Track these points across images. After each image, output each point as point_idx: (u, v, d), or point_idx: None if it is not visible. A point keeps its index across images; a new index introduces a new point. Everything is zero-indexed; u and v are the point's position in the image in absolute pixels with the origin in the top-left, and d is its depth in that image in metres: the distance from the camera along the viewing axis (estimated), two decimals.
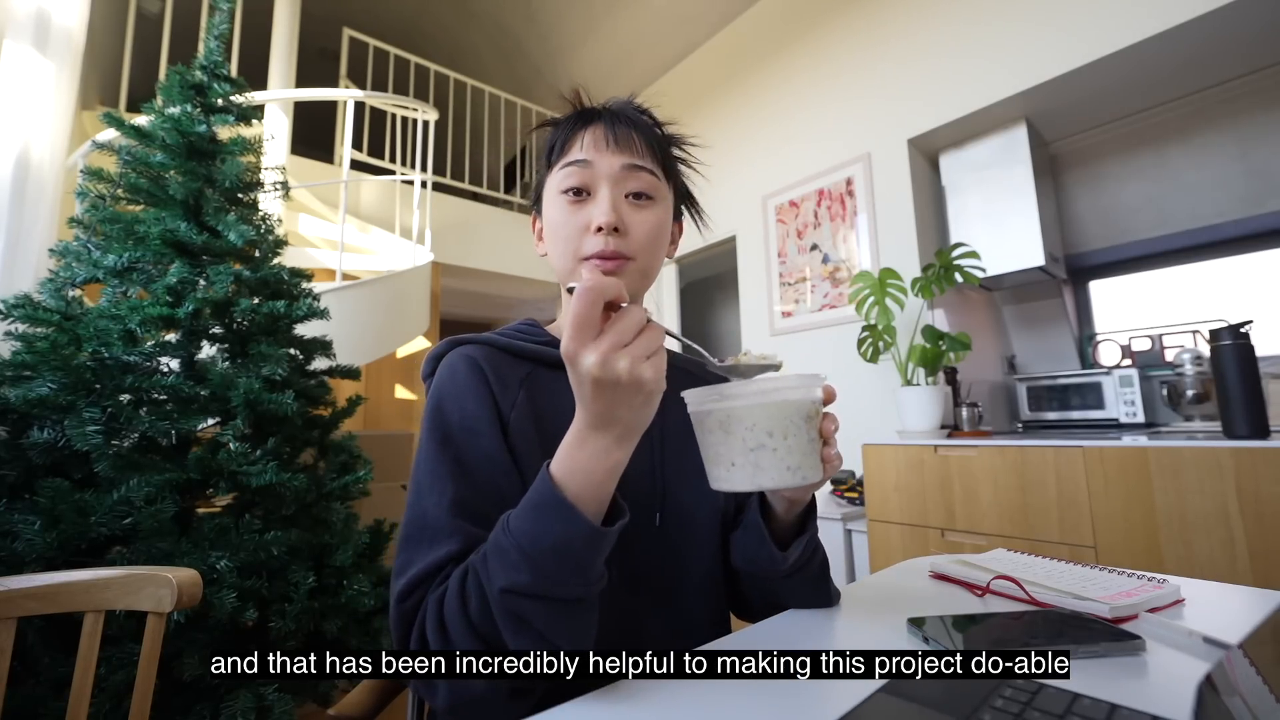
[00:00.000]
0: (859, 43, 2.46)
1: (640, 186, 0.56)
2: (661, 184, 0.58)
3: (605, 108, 0.60)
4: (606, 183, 0.55)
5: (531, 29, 4.03)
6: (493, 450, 0.51)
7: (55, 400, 1.11)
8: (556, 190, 0.56)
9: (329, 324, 1.56)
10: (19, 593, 0.66)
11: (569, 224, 0.55)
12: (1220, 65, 1.79)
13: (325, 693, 1.23)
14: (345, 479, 1.42)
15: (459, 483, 0.49)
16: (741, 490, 0.42)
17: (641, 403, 0.39)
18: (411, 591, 0.44)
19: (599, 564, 0.41)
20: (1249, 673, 0.30)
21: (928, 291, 1.90)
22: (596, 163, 0.55)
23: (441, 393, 0.54)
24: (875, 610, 0.55)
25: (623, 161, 0.55)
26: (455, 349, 0.59)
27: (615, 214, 0.54)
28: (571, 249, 0.55)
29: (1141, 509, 1.34)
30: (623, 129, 0.56)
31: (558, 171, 0.57)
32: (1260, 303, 1.79)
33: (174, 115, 1.39)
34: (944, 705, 0.34)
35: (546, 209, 0.59)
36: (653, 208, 0.57)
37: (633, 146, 0.56)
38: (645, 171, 0.56)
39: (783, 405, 0.41)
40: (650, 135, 0.58)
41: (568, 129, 0.58)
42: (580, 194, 0.55)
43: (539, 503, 0.40)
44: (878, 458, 1.86)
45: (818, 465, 0.42)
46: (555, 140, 0.59)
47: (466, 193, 3.81)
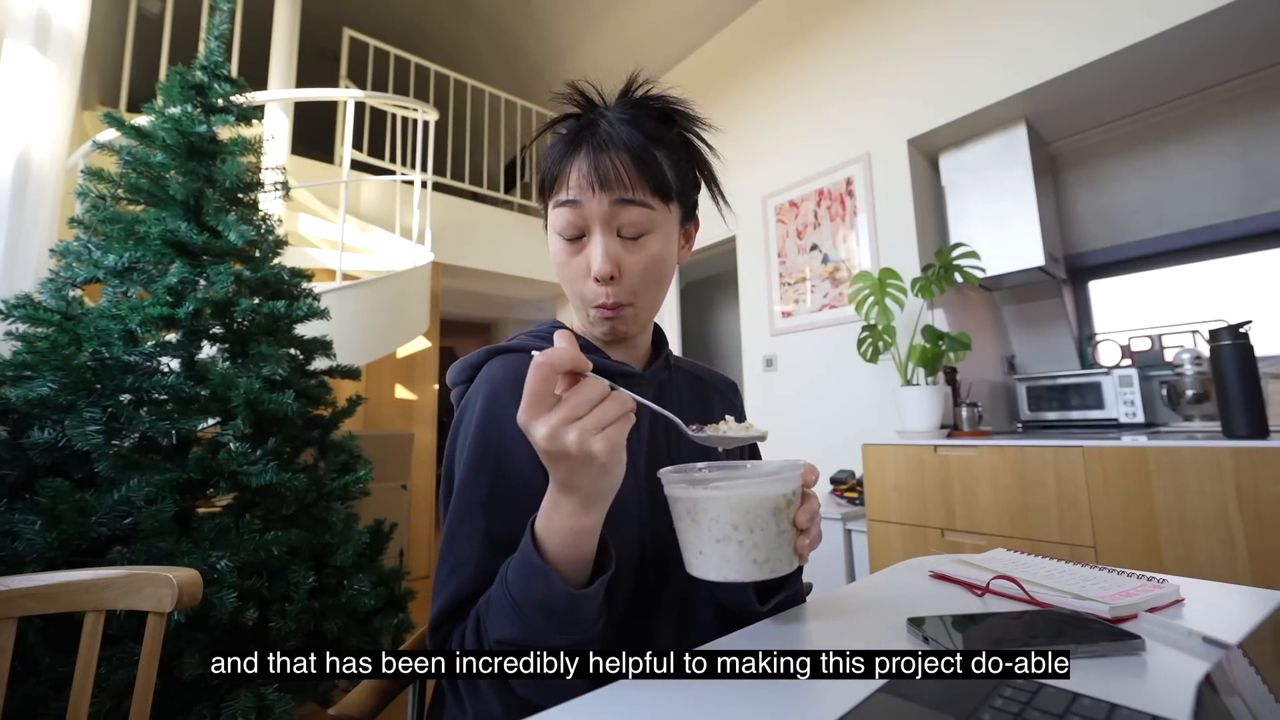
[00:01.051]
0: (859, 43, 2.46)
1: (632, 221, 0.52)
2: (658, 210, 0.54)
3: (595, 127, 0.53)
4: (598, 225, 0.52)
5: (531, 29, 4.03)
6: (530, 472, 0.51)
7: (56, 400, 1.11)
8: (552, 229, 0.55)
9: (329, 324, 1.56)
10: (19, 592, 0.66)
11: (569, 266, 0.55)
12: (1220, 65, 1.79)
13: (325, 693, 1.23)
14: (345, 479, 1.42)
15: (491, 512, 0.51)
16: (710, 580, 0.41)
17: (597, 473, 0.38)
18: (441, 624, 0.48)
19: (588, 615, 0.42)
20: (1248, 672, 0.30)
21: (927, 291, 1.90)
22: (585, 204, 0.52)
23: (486, 408, 0.54)
24: (875, 610, 0.55)
25: (610, 199, 0.51)
26: (498, 358, 0.58)
27: (609, 263, 0.52)
28: (575, 291, 0.56)
29: (1141, 509, 1.34)
30: (607, 161, 0.51)
31: (552, 209, 0.55)
32: (1260, 303, 1.79)
33: (174, 115, 1.39)
34: (944, 705, 0.34)
35: (549, 238, 0.57)
36: (647, 244, 0.54)
37: (620, 179, 0.51)
38: (636, 205, 0.52)
39: (750, 499, 0.39)
40: (644, 154, 0.52)
41: (558, 156, 0.54)
42: (576, 238, 0.54)
43: (523, 561, 0.42)
44: (878, 458, 1.86)
45: (789, 557, 0.41)
46: (548, 166, 0.55)
47: (466, 193, 3.81)
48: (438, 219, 3.28)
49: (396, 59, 3.63)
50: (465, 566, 0.49)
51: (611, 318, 0.55)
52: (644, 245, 0.54)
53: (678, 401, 0.65)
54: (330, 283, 2.26)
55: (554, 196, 0.54)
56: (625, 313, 0.55)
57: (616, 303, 0.54)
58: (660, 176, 0.53)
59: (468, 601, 0.48)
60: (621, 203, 0.52)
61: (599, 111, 0.55)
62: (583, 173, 0.52)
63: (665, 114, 0.56)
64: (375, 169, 3.39)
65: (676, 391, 0.66)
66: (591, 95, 0.57)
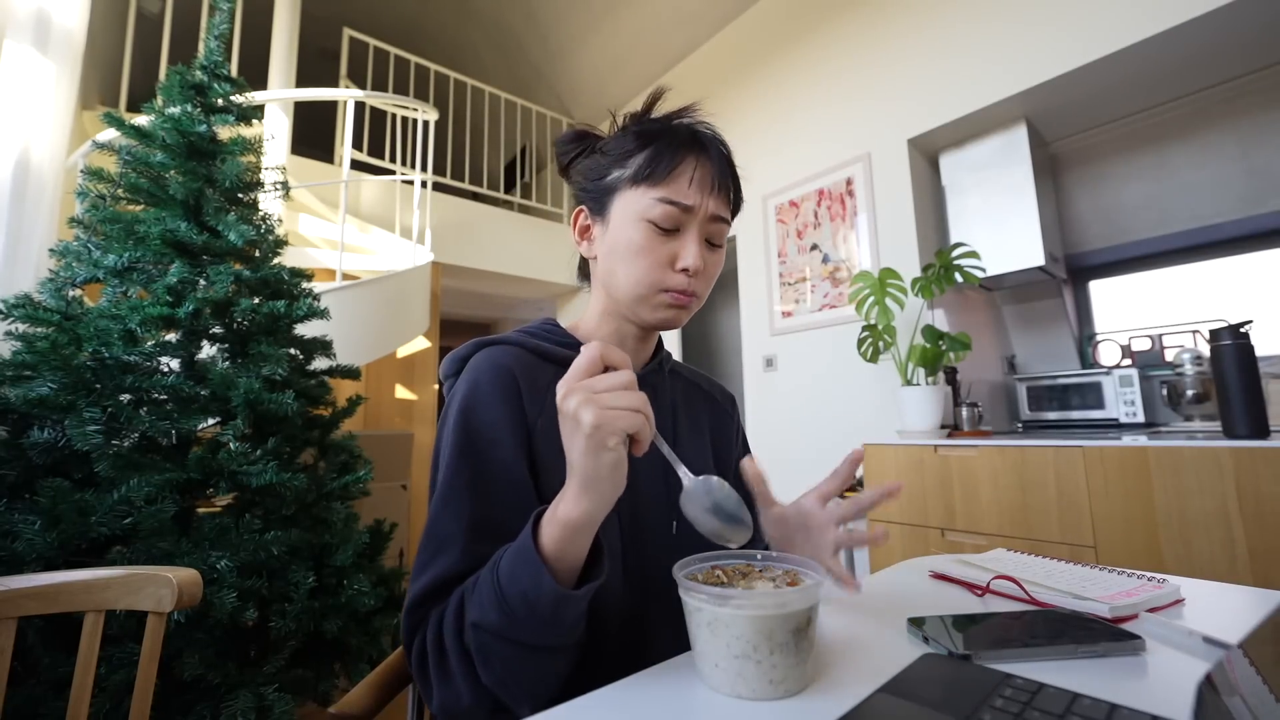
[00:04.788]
0: (859, 43, 2.46)
1: (719, 232, 0.58)
2: (729, 228, 0.60)
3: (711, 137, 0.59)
4: (698, 226, 0.56)
5: (531, 29, 4.03)
6: (510, 460, 0.52)
7: (55, 400, 1.11)
8: (642, 216, 0.55)
9: (329, 324, 1.56)
10: (19, 592, 0.66)
11: (651, 253, 0.56)
12: (1220, 65, 1.79)
13: (325, 692, 1.23)
14: (345, 479, 1.42)
15: (475, 497, 0.51)
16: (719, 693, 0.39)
17: (584, 445, 0.40)
18: (420, 604, 0.48)
19: (569, 619, 0.42)
20: (1249, 672, 0.30)
21: (928, 291, 1.90)
22: (697, 208, 0.55)
23: (466, 397, 0.54)
24: (875, 610, 0.55)
25: (715, 211, 0.57)
26: (483, 350, 0.59)
27: (702, 259, 0.56)
28: (651, 279, 0.56)
29: (1141, 509, 1.34)
30: (724, 171, 0.57)
31: (656, 201, 0.55)
32: (1260, 303, 1.79)
33: (174, 115, 1.39)
34: (944, 705, 0.34)
35: (622, 226, 0.57)
36: (720, 252, 0.60)
37: (726, 196, 0.58)
38: (725, 223, 0.59)
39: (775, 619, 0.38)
40: (736, 182, 0.60)
41: (672, 150, 0.56)
42: (672, 230, 0.56)
43: (518, 549, 0.42)
44: (878, 457, 1.86)
45: (804, 676, 0.40)
46: (655, 156, 0.56)
47: (466, 193, 3.81)
48: (438, 219, 3.28)
49: (396, 59, 3.63)
50: (450, 548, 0.49)
51: (684, 305, 0.57)
52: (719, 253, 0.60)
53: (668, 406, 0.65)
54: (330, 283, 2.26)
55: (660, 185, 0.55)
56: (692, 304, 0.58)
57: (693, 292, 0.57)
58: (740, 197, 0.61)
59: (450, 582, 0.48)
60: (719, 219, 0.58)
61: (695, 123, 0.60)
62: (705, 175, 0.56)
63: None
64: (375, 169, 3.39)
65: (668, 395, 0.66)
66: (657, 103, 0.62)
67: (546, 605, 0.40)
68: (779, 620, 0.38)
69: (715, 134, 0.60)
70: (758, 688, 0.38)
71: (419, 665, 0.46)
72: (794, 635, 0.38)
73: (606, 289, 0.60)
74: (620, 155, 0.58)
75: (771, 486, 0.60)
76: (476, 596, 0.43)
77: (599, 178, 0.60)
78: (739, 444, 0.73)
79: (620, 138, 0.60)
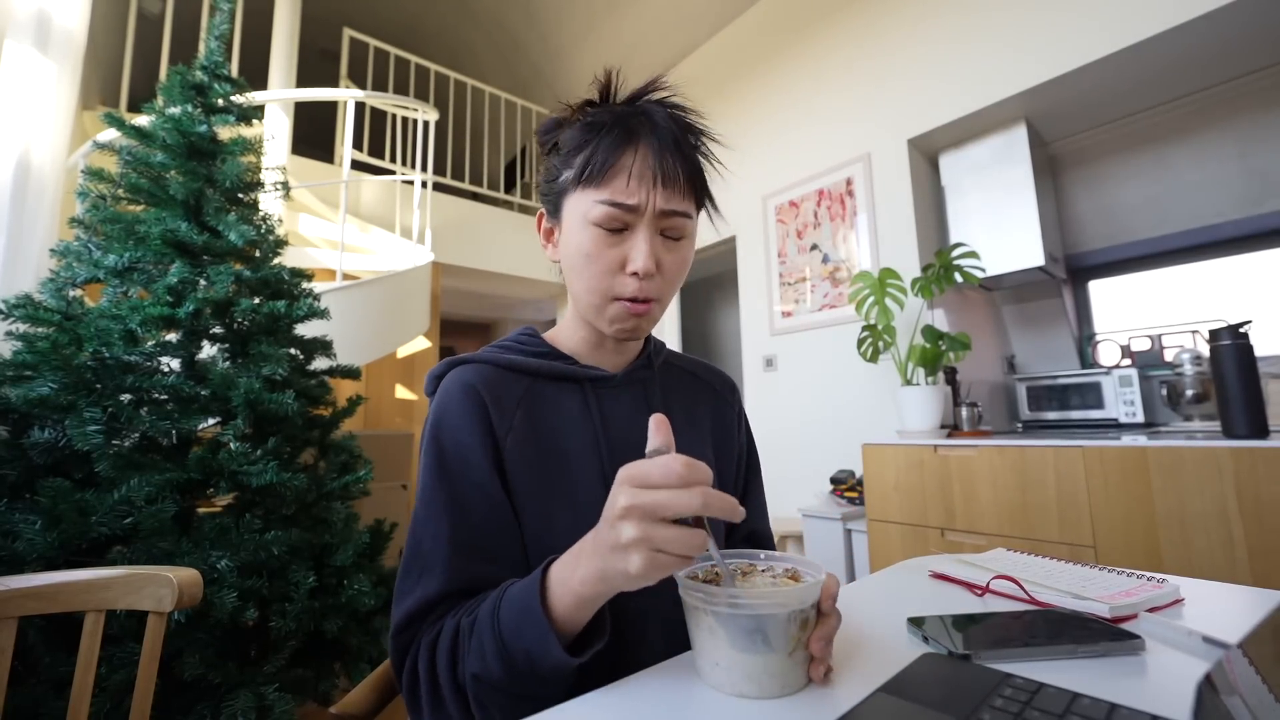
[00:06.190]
0: (859, 43, 2.46)
1: (676, 226, 0.53)
2: (693, 220, 0.55)
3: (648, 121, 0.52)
4: (647, 224, 0.52)
5: (531, 29, 4.04)
6: (483, 481, 0.52)
7: (56, 400, 1.11)
8: (587, 219, 0.52)
9: (329, 324, 1.56)
10: (19, 592, 0.66)
11: (600, 258, 0.52)
12: (1220, 65, 1.79)
13: (326, 692, 1.23)
14: (345, 479, 1.42)
15: (453, 517, 0.50)
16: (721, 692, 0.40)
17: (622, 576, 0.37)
18: (407, 626, 0.48)
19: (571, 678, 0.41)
20: (1248, 672, 0.30)
21: (927, 291, 1.90)
22: (642, 205, 0.51)
23: (438, 419, 0.54)
24: (875, 610, 0.55)
25: (665, 205, 0.51)
26: (453, 370, 0.58)
27: (653, 260, 0.52)
28: (601, 285, 0.53)
29: (1141, 509, 1.34)
30: (670, 163, 0.51)
31: (596, 203, 0.51)
32: (1260, 303, 1.79)
33: (175, 115, 1.39)
34: (944, 705, 0.34)
35: (571, 231, 0.54)
36: (683, 245, 0.55)
37: (677, 185, 0.52)
38: (681, 216, 0.53)
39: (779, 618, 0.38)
40: (692, 164, 0.53)
41: (609, 144, 0.51)
42: (618, 230, 0.52)
43: (526, 606, 0.41)
44: (877, 457, 1.86)
45: (802, 676, 0.39)
46: (592, 155, 0.51)
47: (466, 193, 3.81)
48: (438, 219, 3.28)
49: (396, 59, 3.63)
50: (433, 569, 0.48)
51: (641, 314, 0.54)
52: (680, 247, 0.55)
53: (660, 404, 0.63)
54: (330, 283, 2.26)
55: (600, 186, 0.51)
56: (653, 310, 0.55)
57: (648, 298, 0.53)
58: (704, 185, 0.55)
59: (435, 604, 0.48)
60: (672, 213, 0.52)
61: (642, 106, 0.54)
62: (645, 166, 0.51)
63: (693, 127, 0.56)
64: (375, 169, 3.39)
65: (661, 389, 0.64)
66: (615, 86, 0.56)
67: (549, 669, 0.40)
68: (779, 618, 0.38)
69: (670, 113, 0.54)
70: (758, 686, 0.38)
71: (410, 690, 0.46)
72: (794, 634, 0.38)
73: (571, 295, 0.58)
74: (569, 152, 0.54)
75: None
76: (476, 646, 0.42)
77: (552, 179, 0.57)
78: (741, 431, 0.71)
79: (571, 131, 0.55)
